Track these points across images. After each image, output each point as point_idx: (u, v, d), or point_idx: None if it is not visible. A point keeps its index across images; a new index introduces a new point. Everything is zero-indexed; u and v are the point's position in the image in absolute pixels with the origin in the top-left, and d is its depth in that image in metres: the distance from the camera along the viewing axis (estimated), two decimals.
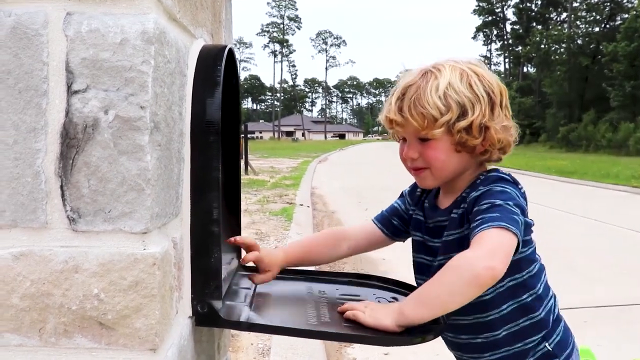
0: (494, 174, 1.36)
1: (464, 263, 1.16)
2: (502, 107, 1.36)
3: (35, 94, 0.92)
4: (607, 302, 4.76)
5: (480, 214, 1.25)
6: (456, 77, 1.33)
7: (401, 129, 1.38)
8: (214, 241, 1.17)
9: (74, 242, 0.93)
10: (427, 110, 1.30)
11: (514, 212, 1.23)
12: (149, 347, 0.94)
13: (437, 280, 1.20)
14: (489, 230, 1.19)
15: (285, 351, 3.56)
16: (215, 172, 1.16)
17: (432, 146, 1.35)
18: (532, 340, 1.39)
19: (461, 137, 1.32)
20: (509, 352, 1.40)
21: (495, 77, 1.39)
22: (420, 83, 1.34)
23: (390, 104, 1.38)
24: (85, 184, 0.92)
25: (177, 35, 1.09)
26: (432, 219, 1.46)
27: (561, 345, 1.42)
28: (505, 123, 1.36)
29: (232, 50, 1.36)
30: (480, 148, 1.35)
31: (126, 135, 0.91)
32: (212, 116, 1.16)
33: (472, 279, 1.14)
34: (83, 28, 0.91)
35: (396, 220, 1.59)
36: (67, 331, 0.93)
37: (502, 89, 1.37)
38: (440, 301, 1.19)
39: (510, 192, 1.29)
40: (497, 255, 1.16)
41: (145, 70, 0.91)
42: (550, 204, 10.24)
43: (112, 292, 0.92)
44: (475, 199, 1.30)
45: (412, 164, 1.40)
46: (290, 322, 1.28)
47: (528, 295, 1.38)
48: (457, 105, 1.30)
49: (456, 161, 1.37)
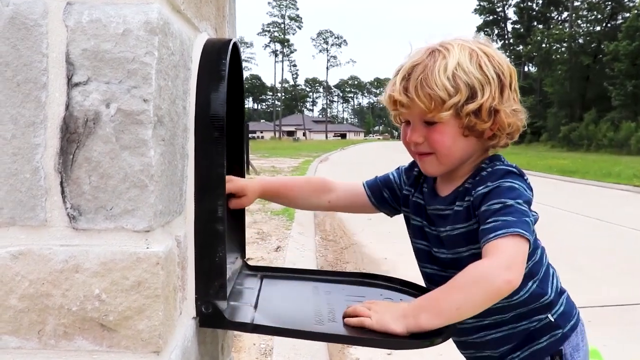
0: (500, 167, 1.30)
1: (483, 275, 1.15)
2: (512, 89, 1.31)
3: (35, 87, 0.88)
4: (611, 301, 4.73)
5: (493, 215, 1.21)
6: (465, 57, 1.27)
7: (406, 110, 1.31)
8: (219, 240, 1.13)
9: (75, 241, 0.89)
10: (434, 92, 1.24)
11: (525, 213, 1.21)
12: (152, 349, 0.90)
13: (456, 291, 1.17)
14: (505, 239, 1.17)
15: (287, 351, 3.54)
16: (220, 169, 1.12)
17: (438, 130, 1.29)
18: (538, 319, 1.37)
19: (470, 120, 1.26)
20: (515, 329, 1.38)
21: (505, 57, 1.32)
22: (428, 62, 1.27)
23: (395, 83, 1.31)
24: (86, 180, 0.89)
25: (181, 27, 1.06)
26: (431, 206, 1.40)
27: (565, 317, 1.40)
28: (515, 106, 1.31)
29: (237, 44, 1.33)
30: (488, 132, 1.30)
31: (129, 130, 0.88)
32: (216, 111, 1.13)
33: (492, 293, 1.15)
34: (84, 18, 0.88)
35: (387, 193, 1.54)
36: (67, 333, 0.90)
37: (512, 71, 1.32)
38: (459, 313, 1.17)
39: (518, 187, 1.25)
40: (515, 267, 1.16)
41: (148, 61, 0.88)
42: (552, 203, 10.20)
43: (114, 292, 0.89)
44: (483, 195, 1.25)
45: (416, 148, 1.34)
46: (296, 323, 1.25)
47: (532, 282, 1.35)
48: (467, 87, 1.24)
49: (463, 146, 1.31)
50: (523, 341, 1.38)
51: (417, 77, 1.26)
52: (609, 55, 38.49)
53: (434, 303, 1.19)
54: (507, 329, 1.38)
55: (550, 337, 1.37)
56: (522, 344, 1.38)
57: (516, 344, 1.39)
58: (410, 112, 1.31)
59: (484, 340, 1.40)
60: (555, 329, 1.37)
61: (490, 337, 1.39)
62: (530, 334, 1.38)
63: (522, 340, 1.38)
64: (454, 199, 1.34)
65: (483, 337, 1.40)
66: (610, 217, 9.10)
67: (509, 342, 1.39)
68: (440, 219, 1.37)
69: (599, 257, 6.40)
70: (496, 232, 1.18)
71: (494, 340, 1.39)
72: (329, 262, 6.10)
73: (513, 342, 1.39)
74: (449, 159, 1.32)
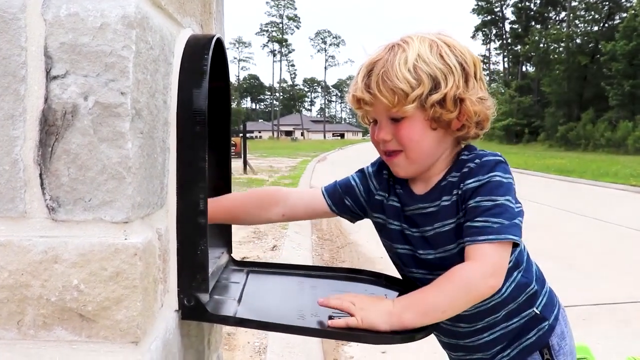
0: (489, 158, 1.27)
1: (470, 282, 1.18)
2: (477, 78, 1.28)
3: (13, 80, 0.89)
4: (606, 300, 4.75)
5: (483, 214, 1.21)
6: (425, 48, 1.24)
7: (370, 108, 1.28)
8: (201, 233, 1.14)
9: (54, 232, 0.91)
10: (396, 85, 1.21)
11: (516, 213, 1.22)
12: (131, 339, 0.91)
13: (442, 295, 1.19)
14: (494, 244, 1.19)
15: (281, 349, 3.55)
16: (202, 163, 1.13)
17: (405, 125, 1.26)
18: (527, 314, 1.38)
19: (435, 111, 1.23)
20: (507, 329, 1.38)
21: (467, 47, 1.29)
22: (388, 57, 1.24)
23: (357, 82, 1.29)
24: (64, 172, 0.90)
25: (162, 22, 1.06)
26: (411, 207, 1.36)
27: (548, 307, 1.41)
28: (481, 94, 1.28)
29: (221, 40, 1.33)
30: (456, 123, 1.27)
31: (106, 122, 0.89)
32: (198, 106, 1.14)
33: (477, 298, 1.20)
34: (62, 12, 0.89)
35: (349, 201, 1.46)
36: (46, 323, 0.91)
37: (475, 60, 1.28)
38: (442, 313, 1.20)
39: (507, 182, 1.24)
40: (500, 273, 1.20)
41: (126, 55, 0.89)
42: (550, 203, 10.23)
43: (93, 283, 0.90)
44: (473, 190, 1.24)
45: (385, 146, 1.31)
46: (280, 317, 1.26)
47: (517, 272, 1.35)
48: (429, 78, 1.22)
49: (432, 140, 1.28)
50: (512, 339, 1.38)
51: (378, 72, 1.24)
52: (607, 55, 38.52)
53: (419, 304, 1.20)
54: (499, 329, 1.38)
55: (538, 331, 1.38)
56: (512, 342, 1.39)
57: (506, 343, 1.39)
58: (375, 110, 1.28)
59: (476, 344, 1.41)
60: (542, 321, 1.38)
61: (483, 340, 1.39)
62: (519, 331, 1.38)
63: (512, 338, 1.38)
64: (439, 194, 1.31)
65: (475, 341, 1.40)
66: (607, 216, 9.12)
67: (501, 343, 1.39)
68: (425, 217, 1.33)
69: (595, 256, 6.42)
70: (487, 236, 1.19)
71: (485, 343, 1.40)
72: (325, 261, 6.11)
73: (503, 342, 1.39)
74: (418, 155, 1.29)
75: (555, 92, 45.93)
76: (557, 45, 49.98)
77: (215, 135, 1.50)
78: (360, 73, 1.29)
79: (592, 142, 36.57)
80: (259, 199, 1.50)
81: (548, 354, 1.38)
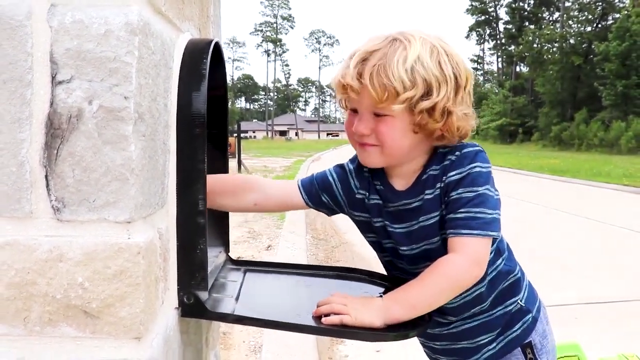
0: (468, 149, 1.28)
1: (455, 273, 1.23)
2: (466, 92, 1.27)
3: (20, 85, 0.92)
4: (598, 299, 4.79)
5: (465, 205, 1.24)
6: (426, 51, 1.22)
7: (356, 96, 1.24)
8: (200, 233, 1.17)
9: (59, 232, 0.93)
10: (390, 82, 1.18)
11: (495, 202, 1.26)
12: (134, 335, 0.95)
13: (429, 287, 1.24)
14: (477, 238, 1.23)
15: (277, 348, 3.57)
16: (201, 164, 1.16)
17: (388, 122, 1.24)
18: (512, 302, 1.41)
19: (422, 118, 1.22)
20: (492, 317, 1.41)
21: (462, 58, 1.28)
22: (387, 51, 1.21)
23: (349, 67, 1.24)
24: (69, 173, 0.93)
25: (163, 27, 1.10)
26: (395, 203, 1.35)
27: (530, 300, 1.45)
28: (466, 110, 1.28)
29: (219, 44, 1.37)
30: (437, 132, 1.26)
31: (110, 126, 0.92)
32: (197, 108, 1.17)
33: (461, 286, 1.25)
34: (67, 19, 0.92)
35: (325, 198, 1.45)
36: (51, 320, 0.94)
37: (468, 73, 1.28)
38: (429, 304, 1.25)
39: (486, 171, 1.27)
40: (483, 263, 1.25)
41: (129, 61, 0.92)
42: (543, 202, 10.28)
43: (97, 281, 0.93)
44: (456, 182, 1.26)
45: (361, 139, 1.29)
46: (277, 315, 1.29)
47: (501, 259, 1.40)
48: (423, 82, 1.20)
49: (410, 142, 1.27)
50: (499, 332, 1.41)
51: (374, 64, 1.21)
52: (600, 55, 38.67)
53: (407, 297, 1.24)
54: (483, 317, 1.40)
55: (522, 324, 1.41)
56: (498, 335, 1.41)
57: (492, 336, 1.41)
58: (359, 100, 1.25)
59: (459, 330, 1.43)
60: (526, 313, 1.42)
61: (466, 326, 1.42)
62: (505, 323, 1.41)
63: (498, 330, 1.41)
64: (422, 188, 1.31)
65: (459, 326, 1.42)
66: (600, 216, 9.18)
67: (484, 331, 1.41)
68: (410, 212, 1.34)
69: (587, 255, 6.47)
70: (470, 230, 1.23)
71: (469, 330, 1.42)
72: (320, 261, 6.13)
73: (488, 331, 1.41)
74: (394, 153, 1.28)
75: (548, 92, 46.06)
76: (550, 46, 50.15)
77: (213, 137, 1.54)
78: (354, 59, 1.24)
79: (586, 142, 36.71)
80: (233, 184, 1.49)
81: (531, 353, 1.41)
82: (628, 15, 37.48)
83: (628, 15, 37.56)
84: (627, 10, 39.32)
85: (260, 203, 1.46)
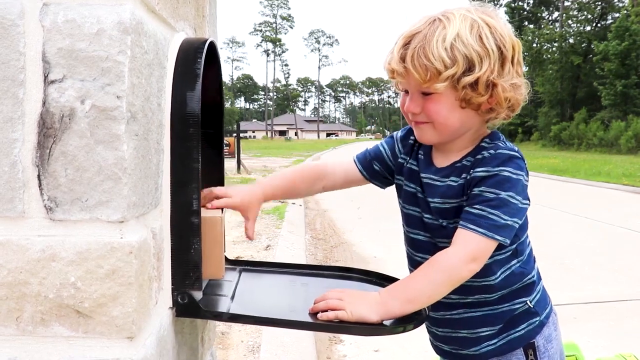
0: (504, 150, 1.29)
1: (449, 264, 1.24)
2: (514, 63, 1.29)
3: (12, 84, 0.92)
4: (597, 298, 4.80)
5: (482, 203, 1.25)
6: (466, 27, 1.23)
7: (403, 79, 1.29)
8: (194, 232, 1.17)
9: (51, 231, 0.93)
10: (430, 63, 1.22)
11: (515, 211, 1.26)
12: (126, 335, 0.94)
13: (426, 281, 1.25)
14: (479, 237, 1.23)
15: (275, 348, 3.57)
16: (195, 164, 1.16)
17: (434, 100, 1.28)
18: (521, 301, 1.40)
19: (466, 93, 1.25)
20: (495, 311, 1.40)
21: (509, 29, 1.30)
22: (427, 32, 1.25)
23: (393, 52, 1.29)
24: (62, 173, 0.93)
25: (156, 27, 1.09)
26: (425, 174, 1.40)
27: (541, 304, 1.43)
28: (515, 80, 1.29)
29: (214, 44, 1.36)
30: (486, 105, 1.29)
31: (102, 125, 0.92)
32: (191, 108, 1.17)
33: (457, 279, 1.25)
34: (59, 18, 0.92)
35: (377, 166, 1.54)
36: (44, 320, 0.94)
37: (514, 43, 1.29)
38: (427, 298, 1.25)
39: (516, 179, 1.26)
40: (478, 260, 1.25)
41: (121, 60, 0.92)
42: (542, 202, 10.28)
43: (89, 280, 0.93)
44: (480, 178, 1.27)
45: (414, 117, 1.34)
46: (272, 313, 1.29)
47: (517, 261, 1.38)
48: (464, 59, 1.22)
49: (460, 117, 1.30)
50: (501, 328, 1.39)
51: (415, 46, 1.24)
52: (599, 55, 38.63)
53: (404, 291, 1.25)
54: (487, 309, 1.39)
55: (528, 325, 1.40)
56: (501, 331, 1.40)
57: (494, 331, 1.40)
58: (407, 82, 1.30)
59: (461, 317, 1.42)
60: (534, 315, 1.40)
61: (468, 315, 1.41)
62: (510, 320, 1.39)
63: (501, 327, 1.39)
64: (450, 173, 1.35)
65: (462, 314, 1.41)
66: (599, 216, 9.19)
67: (486, 324, 1.40)
68: (430, 188, 1.38)
69: (586, 255, 6.47)
70: (477, 227, 1.23)
71: (470, 319, 1.41)
72: (319, 261, 6.14)
73: (490, 325, 1.40)
74: (446, 129, 1.31)
75: (548, 91, 46.00)
76: (550, 45, 50.11)
77: (209, 136, 1.53)
78: (398, 43, 1.29)
79: (585, 142, 36.69)
80: (304, 176, 1.59)
81: (533, 354, 1.39)
82: (627, 15, 37.47)
83: (627, 14, 37.56)
84: (626, 9, 39.30)
85: (327, 185, 1.59)
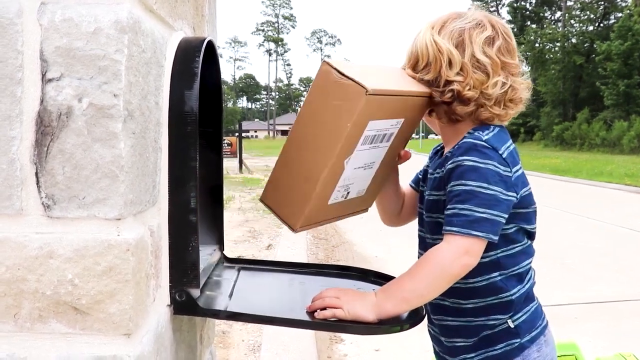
0: (467, 139, 1.26)
1: (441, 260, 1.22)
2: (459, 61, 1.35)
3: (10, 82, 0.93)
4: (598, 298, 4.80)
5: (452, 200, 1.23)
6: None
7: None
8: (192, 230, 1.18)
9: (49, 229, 0.94)
10: None
11: (492, 205, 1.20)
12: (123, 332, 0.95)
13: (417, 277, 1.24)
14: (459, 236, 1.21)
15: (276, 347, 3.58)
16: (193, 162, 1.17)
17: None
18: (496, 318, 1.32)
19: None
20: (471, 324, 1.35)
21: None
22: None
23: None
24: (59, 170, 0.93)
25: (154, 26, 1.10)
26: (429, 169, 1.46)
27: (526, 327, 1.34)
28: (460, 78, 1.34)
29: (212, 43, 1.37)
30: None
31: (100, 123, 0.93)
32: (189, 106, 1.17)
33: (451, 275, 1.22)
34: (57, 17, 0.92)
35: (422, 184, 1.53)
36: (42, 316, 0.95)
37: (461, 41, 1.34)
38: (422, 297, 1.25)
39: (485, 168, 1.22)
40: (472, 252, 1.22)
41: (118, 59, 0.93)
42: (544, 202, 10.27)
43: (86, 277, 0.94)
44: (449, 172, 1.25)
45: None
46: (270, 311, 1.30)
47: (499, 274, 1.31)
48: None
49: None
50: (477, 343, 1.35)
51: None
52: (602, 54, 38.57)
53: (398, 291, 1.25)
54: (462, 320, 1.35)
55: (506, 345, 1.33)
56: (477, 347, 1.35)
57: (469, 344, 1.35)
58: None
59: (440, 324, 1.40)
60: (514, 337, 1.33)
61: (446, 322, 1.38)
62: (487, 337, 1.34)
63: (476, 341, 1.35)
64: (440, 164, 1.35)
65: (440, 320, 1.40)
66: (601, 216, 9.18)
67: (460, 334, 1.36)
68: (428, 181, 1.42)
69: (588, 255, 6.47)
70: (451, 227, 1.22)
71: (447, 327, 1.38)
72: (320, 260, 6.14)
73: (464, 336, 1.36)
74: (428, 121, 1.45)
75: (550, 91, 45.94)
76: (552, 45, 50.04)
77: (208, 135, 1.54)
78: None
79: (588, 142, 36.64)
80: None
81: None
82: (630, 15, 37.40)
83: (630, 14, 37.49)
84: (629, 9, 39.23)
85: (402, 215, 1.61)
